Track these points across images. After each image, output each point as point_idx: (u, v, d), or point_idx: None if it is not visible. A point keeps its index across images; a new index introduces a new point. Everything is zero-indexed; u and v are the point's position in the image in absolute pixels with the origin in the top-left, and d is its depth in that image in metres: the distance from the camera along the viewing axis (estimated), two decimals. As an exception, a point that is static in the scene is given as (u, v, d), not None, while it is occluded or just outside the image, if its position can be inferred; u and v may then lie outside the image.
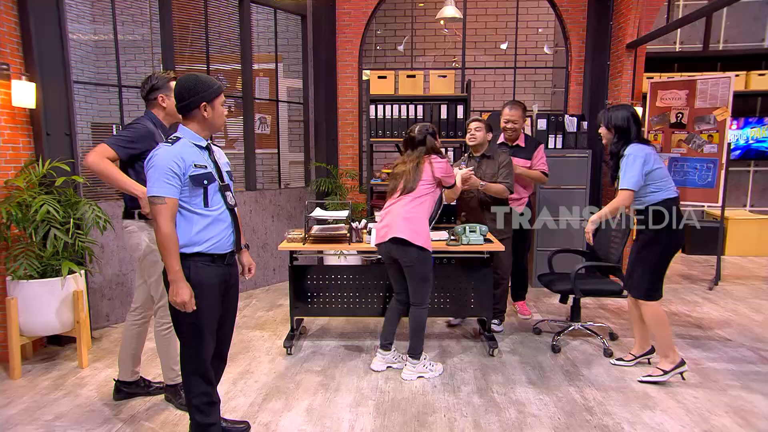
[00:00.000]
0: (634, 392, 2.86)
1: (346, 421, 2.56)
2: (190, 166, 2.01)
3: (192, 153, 2.04)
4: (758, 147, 6.35)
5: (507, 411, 2.66)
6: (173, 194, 1.97)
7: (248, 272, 2.41)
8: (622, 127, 2.99)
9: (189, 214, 2.04)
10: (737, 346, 3.50)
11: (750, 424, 2.54)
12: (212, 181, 2.08)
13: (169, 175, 1.95)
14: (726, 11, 6.49)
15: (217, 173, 2.12)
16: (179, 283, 1.97)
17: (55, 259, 3.14)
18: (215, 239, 2.09)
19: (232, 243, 2.17)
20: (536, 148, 3.86)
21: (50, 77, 3.37)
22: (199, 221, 2.06)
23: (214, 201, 2.09)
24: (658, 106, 5.06)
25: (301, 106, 5.41)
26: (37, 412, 2.65)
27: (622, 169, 2.95)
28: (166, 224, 1.95)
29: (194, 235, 2.05)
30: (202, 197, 2.05)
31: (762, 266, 5.85)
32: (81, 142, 3.84)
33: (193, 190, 2.03)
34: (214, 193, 2.09)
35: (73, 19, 3.81)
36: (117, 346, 3.53)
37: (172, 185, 1.96)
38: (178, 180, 1.98)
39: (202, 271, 2.06)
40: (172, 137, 2.07)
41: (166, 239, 1.95)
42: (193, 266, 2.04)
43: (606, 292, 3.44)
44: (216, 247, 2.10)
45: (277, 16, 5.07)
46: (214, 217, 2.09)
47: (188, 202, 2.04)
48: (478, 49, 7.39)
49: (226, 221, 2.13)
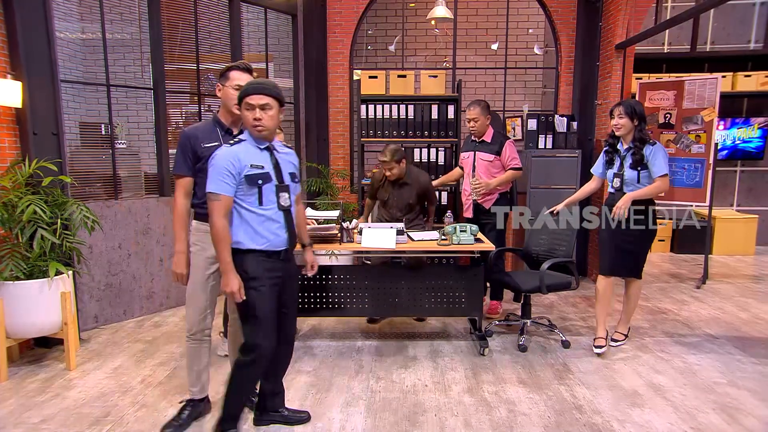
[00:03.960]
0: (623, 390, 2.89)
1: (337, 421, 2.56)
2: (246, 166, 2.13)
3: (251, 154, 2.17)
4: (744, 147, 6.43)
5: (498, 410, 2.68)
6: (227, 192, 2.12)
7: (310, 269, 2.53)
8: (643, 117, 3.30)
9: (244, 211, 2.17)
10: (724, 344, 3.54)
11: (736, 420, 2.57)
12: (267, 181, 2.18)
13: (225, 173, 2.11)
14: (713, 13, 6.56)
15: (276, 174, 2.20)
16: (230, 274, 2.12)
17: (42, 260, 3.10)
18: (268, 237, 2.20)
19: (285, 241, 2.26)
20: (503, 144, 3.93)
21: (37, 76, 3.33)
22: (254, 219, 2.18)
23: (269, 201, 2.19)
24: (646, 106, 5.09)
25: (292, 105, 5.39)
26: (23, 415, 2.61)
27: (656, 157, 3.22)
28: (219, 219, 2.11)
29: (249, 233, 2.18)
30: (257, 196, 2.17)
31: (748, 265, 5.92)
32: (69, 141, 3.80)
33: (248, 189, 2.15)
34: (269, 193, 2.19)
35: (61, 17, 3.77)
36: (106, 347, 3.50)
37: (226, 183, 2.11)
38: (232, 179, 2.12)
39: (258, 266, 2.19)
40: (236, 138, 2.21)
41: (218, 232, 2.11)
42: (249, 261, 2.18)
43: (564, 286, 3.51)
44: (269, 244, 2.21)
45: (268, 16, 5.05)
46: (267, 216, 2.19)
47: (244, 200, 2.16)
48: (468, 49, 7.41)
49: (279, 221, 2.22)
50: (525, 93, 7.49)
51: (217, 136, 2.42)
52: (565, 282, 3.48)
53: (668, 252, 6.61)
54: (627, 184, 3.32)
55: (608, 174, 3.47)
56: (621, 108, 3.30)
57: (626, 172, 3.31)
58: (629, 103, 3.32)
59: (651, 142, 3.26)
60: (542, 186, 4.81)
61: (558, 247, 3.62)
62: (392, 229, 3.29)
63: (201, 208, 2.41)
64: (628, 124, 3.28)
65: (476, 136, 4.01)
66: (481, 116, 3.90)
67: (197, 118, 4.53)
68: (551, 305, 4.41)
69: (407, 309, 3.55)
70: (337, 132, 5.58)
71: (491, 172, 3.94)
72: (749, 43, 6.62)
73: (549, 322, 3.77)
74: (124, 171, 4.10)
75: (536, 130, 5.00)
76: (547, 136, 5.01)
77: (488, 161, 3.94)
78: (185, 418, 2.49)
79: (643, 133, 3.28)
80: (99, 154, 3.98)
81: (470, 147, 4.05)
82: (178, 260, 2.38)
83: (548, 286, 3.38)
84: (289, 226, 2.26)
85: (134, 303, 4.09)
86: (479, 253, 3.44)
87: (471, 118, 3.93)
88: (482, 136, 3.98)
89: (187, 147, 2.37)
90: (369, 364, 3.24)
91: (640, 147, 3.26)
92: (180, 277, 2.41)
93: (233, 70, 2.42)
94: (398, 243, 3.27)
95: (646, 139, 3.27)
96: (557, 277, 3.50)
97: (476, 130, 3.95)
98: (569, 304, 4.45)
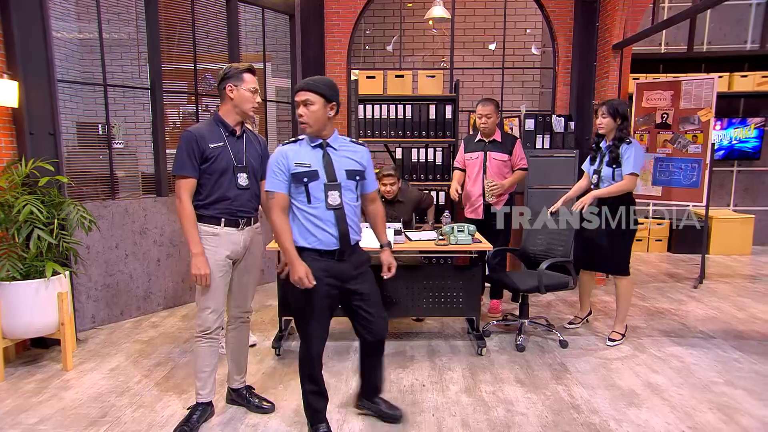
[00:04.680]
0: (620, 390, 2.89)
1: (335, 422, 2.55)
2: (293, 164, 2.17)
3: (301, 152, 2.20)
4: (741, 147, 6.44)
5: (495, 410, 2.68)
6: (280, 189, 2.19)
7: (387, 271, 2.47)
8: (626, 116, 3.43)
9: (297, 210, 2.23)
10: (721, 344, 3.55)
11: (733, 420, 2.58)
12: (314, 179, 2.18)
13: (275, 172, 2.19)
14: (709, 14, 6.58)
15: (326, 172, 2.20)
16: (295, 261, 2.15)
17: (38, 260, 3.09)
18: (318, 236, 2.21)
19: (336, 242, 2.23)
20: (513, 144, 3.96)
21: (33, 76, 3.32)
22: (304, 217, 2.22)
23: (316, 199, 2.20)
24: (643, 106, 5.11)
25: (290, 105, 5.38)
26: (20, 416, 2.61)
27: (629, 155, 3.34)
28: (277, 214, 2.19)
29: (301, 231, 2.22)
30: (305, 194, 2.20)
31: (745, 264, 5.94)
32: (66, 141, 3.79)
33: (296, 187, 2.20)
34: (317, 191, 2.19)
35: (57, 17, 3.75)
36: (103, 348, 3.50)
37: (279, 181, 2.18)
38: (284, 176, 2.18)
39: (311, 264, 2.19)
40: (294, 137, 2.28)
41: (275, 227, 2.19)
42: (303, 258, 2.19)
43: (562, 286, 3.51)
44: (320, 243, 2.22)
45: (265, 15, 5.05)
46: (315, 214, 2.21)
47: (296, 198, 2.22)
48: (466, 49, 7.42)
49: (330, 219, 2.22)
50: (522, 93, 7.50)
51: (221, 136, 2.41)
52: (563, 282, 3.49)
53: (666, 252, 6.63)
54: (603, 180, 3.49)
55: (590, 170, 3.63)
56: (604, 108, 3.46)
57: (603, 169, 3.48)
58: (612, 103, 3.47)
59: (627, 141, 3.40)
60: (540, 186, 4.81)
61: (555, 247, 3.63)
62: (390, 229, 3.30)
63: (204, 209, 2.39)
64: (611, 123, 3.43)
65: (485, 136, 3.95)
66: (494, 114, 3.87)
67: (195, 118, 4.52)
68: (548, 305, 4.42)
69: (405, 309, 3.54)
70: (334, 132, 5.57)
71: (503, 172, 3.94)
72: (746, 43, 6.64)
73: (547, 321, 3.77)
74: (121, 171, 4.09)
75: (534, 130, 5.01)
76: (544, 136, 5.01)
77: (502, 161, 3.92)
78: (195, 422, 2.47)
79: (623, 133, 3.42)
80: (96, 154, 3.97)
81: (478, 147, 3.96)
82: (198, 262, 2.34)
83: (547, 286, 3.39)
84: (341, 225, 2.22)
85: (131, 303, 4.08)
86: (477, 253, 3.45)
87: (484, 114, 3.86)
88: (492, 136, 3.94)
89: (193, 147, 2.32)
90: (367, 364, 3.24)
91: (617, 145, 3.42)
92: (203, 278, 2.35)
93: (247, 72, 2.40)
94: (396, 243, 3.27)
95: (624, 138, 3.41)
96: (555, 277, 3.50)
97: (488, 128, 3.89)
98: (567, 304, 4.46)
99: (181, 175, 2.34)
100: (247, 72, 2.41)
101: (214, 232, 2.40)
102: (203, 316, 2.43)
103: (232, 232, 2.44)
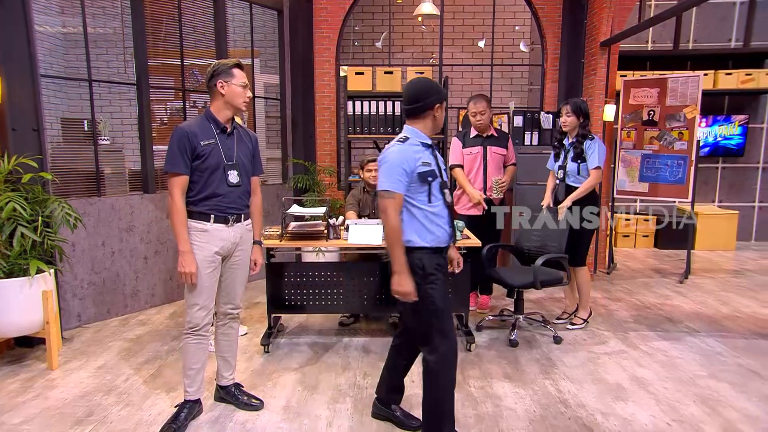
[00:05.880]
0: (607, 384, 2.92)
1: (324, 419, 2.55)
2: (419, 163, 2.13)
3: (419, 151, 2.16)
4: (726, 144, 6.54)
5: (483, 405, 2.69)
6: (401, 190, 2.12)
7: (457, 267, 2.47)
8: (587, 114, 3.61)
9: (414, 209, 2.17)
10: (705, 338, 3.61)
11: (717, 412, 2.62)
12: (435, 178, 2.18)
13: (400, 172, 2.09)
14: (695, 12, 6.65)
15: (440, 171, 2.22)
16: (403, 275, 2.11)
17: (22, 258, 3.05)
18: (436, 234, 2.20)
19: (449, 237, 2.26)
20: (507, 139, 4.05)
21: (16, 70, 3.26)
22: (424, 216, 2.17)
23: (436, 197, 2.19)
24: (630, 103, 5.16)
25: (278, 102, 5.35)
26: (3, 416, 2.57)
27: (593, 151, 3.54)
28: (394, 217, 2.11)
29: (419, 230, 2.17)
30: (426, 193, 2.16)
31: (729, 260, 6.03)
32: (50, 137, 3.74)
33: (419, 186, 2.15)
34: (437, 190, 2.19)
35: (40, 10, 3.69)
36: (89, 346, 3.46)
37: (401, 181, 2.11)
38: (406, 177, 2.11)
39: (432, 262, 2.18)
40: (400, 137, 2.19)
41: (393, 231, 2.11)
42: (424, 258, 2.16)
43: (557, 281, 3.53)
44: (437, 240, 2.21)
45: (253, 11, 5.01)
46: (435, 212, 2.19)
47: (414, 198, 2.16)
48: (455, 46, 7.42)
49: (445, 217, 2.23)
50: (511, 90, 7.53)
51: (213, 133, 2.39)
52: (558, 277, 3.51)
53: (652, 247, 6.70)
54: (569, 175, 3.67)
55: (555, 166, 3.76)
56: (568, 106, 3.61)
57: (568, 164, 3.63)
58: (575, 102, 3.61)
59: (590, 137, 3.58)
60: (528, 182, 4.84)
61: (550, 243, 3.63)
62: (379, 225, 3.29)
63: (194, 205, 2.38)
64: (574, 122, 3.60)
65: (480, 131, 3.96)
66: (487, 110, 3.90)
67: (182, 114, 4.47)
68: (538, 301, 4.45)
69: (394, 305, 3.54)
70: (323, 128, 5.56)
71: (500, 166, 4.01)
72: (730, 41, 6.72)
73: (543, 317, 3.79)
74: (107, 167, 4.04)
75: (522, 127, 5.03)
76: (533, 132, 5.04)
77: (501, 155, 3.98)
78: (182, 420, 2.45)
79: (585, 130, 3.60)
80: (81, 151, 3.92)
81: (477, 142, 3.94)
82: (185, 260, 2.33)
83: (541, 281, 3.40)
84: (452, 222, 2.28)
85: (118, 301, 4.04)
86: (466, 249, 3.46)
87: (478, 111, 3.87)
88: (486, 131, 3.96)
89: (185, 144, 2.31)
90: (356, 360, 3.24)
91: (581, 142, 3.59)
92: (190, 277, 2.35)
93: (236, 67, 2.39)
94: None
95: (587, 135, 3.59)
96: (550, 272, 3.51)
97: (483, 124, 3.91)
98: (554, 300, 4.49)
99: (173, 173, 2.32)
100: (236, 67, 2.40)
101: (204, 228, 2.39)
102: (192, 312, 2.42)
103: (221, 228, 2.42)
